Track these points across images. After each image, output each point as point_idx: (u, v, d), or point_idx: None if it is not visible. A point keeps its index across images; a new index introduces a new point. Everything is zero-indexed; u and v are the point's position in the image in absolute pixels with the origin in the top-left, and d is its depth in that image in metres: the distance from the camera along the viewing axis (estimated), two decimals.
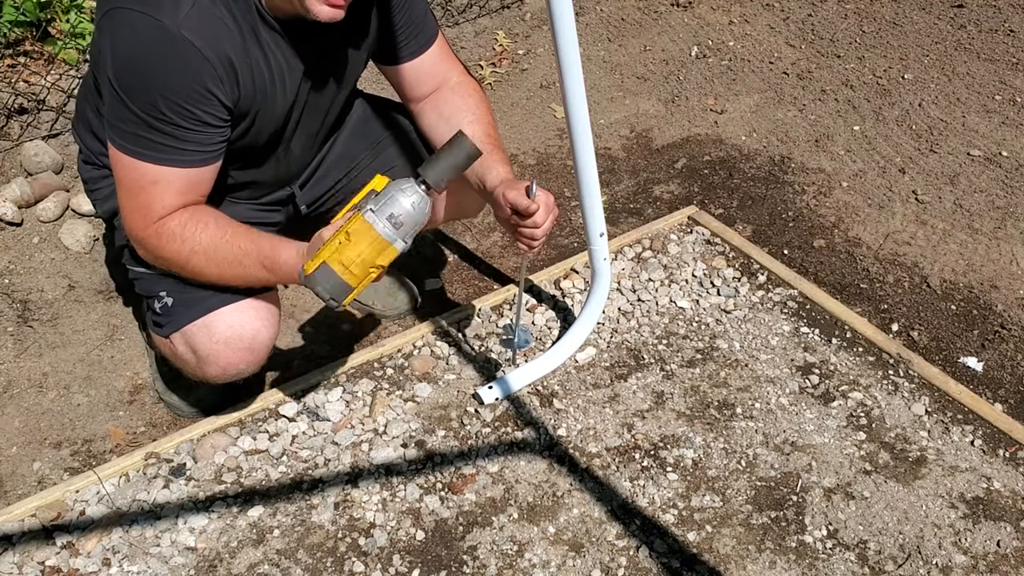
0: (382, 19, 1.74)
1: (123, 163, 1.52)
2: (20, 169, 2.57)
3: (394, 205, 1.46)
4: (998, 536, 1.74)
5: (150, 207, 1.54)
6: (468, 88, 1.87)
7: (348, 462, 1.89)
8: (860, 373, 2.10)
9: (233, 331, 1.69)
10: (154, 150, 1.50)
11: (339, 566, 1.71)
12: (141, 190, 1.53)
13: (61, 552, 1.72)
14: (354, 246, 1.45)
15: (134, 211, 1.56)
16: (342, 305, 1.50)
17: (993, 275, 2.37)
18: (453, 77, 1.87)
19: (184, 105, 1.46)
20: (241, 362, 1.73)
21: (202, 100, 1.48)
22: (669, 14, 3.54)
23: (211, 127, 1.52)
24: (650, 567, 1.70)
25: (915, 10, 3.49)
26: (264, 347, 1.75)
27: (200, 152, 1.53)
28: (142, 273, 1.76)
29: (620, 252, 2.45)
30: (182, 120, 1.48)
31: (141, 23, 1.41)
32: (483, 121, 1.83)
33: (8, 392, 2.10)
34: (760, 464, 1.89)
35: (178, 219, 1.56)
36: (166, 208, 1.55)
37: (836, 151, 2.85)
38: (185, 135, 1.50)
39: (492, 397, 2.00)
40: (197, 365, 1.73)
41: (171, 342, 1.73)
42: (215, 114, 1.51)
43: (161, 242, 1.56)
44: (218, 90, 1.49)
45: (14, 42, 2.82)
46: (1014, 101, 2.99)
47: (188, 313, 1.69)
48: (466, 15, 3.46)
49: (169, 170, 1.52)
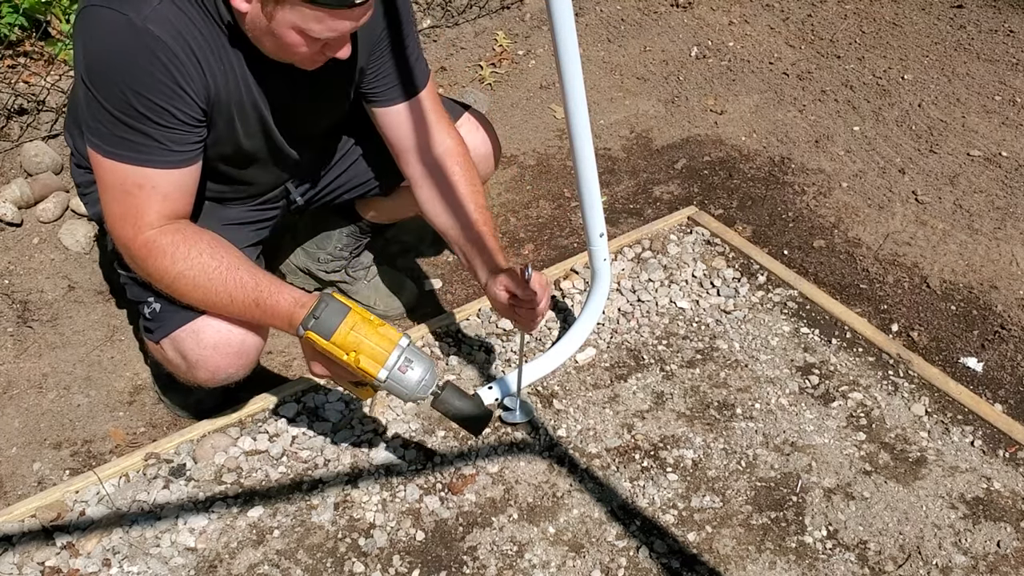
0: (367, 62, 1.73)
1: (104, 167, 1.51)
2: (20, 170, 2.57)
3: (403, 381, 1.59)
4: (998, 536, 1.74)
5: (139, 215, 1.52)
6: (454, 162, 1.83)
7: (348, 462, 1.89)
8: (860, 373, 2.10)
9: (221, 336, 1.67)
10: (132, 150, 1.48)
11: (339, 566, 1.71)
12: (127, 195, 1.51)
13: (61, 552, 1.72)
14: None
15: (122, 218, 1.53)
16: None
17: (993, 275, 2.37)
18: (440, 137, 1.83)
19: (155, 100, 1.45)
20: (230, 367, 1.72)
21: (173, 96, 1.47)
22: (669, 15, 3.54)
23: (186, 125, 1.51)
24: (650, 567, 1.70)
25: (915, 10, 3.49)
26: (253, 351, 1.74)
27: (179, 152, 1.52)
28: (130, 278, 1.75)
29: (620, 252, 2.45)
30: (156, 116, 1.46)
31: (108, 18, 1.42)
32: (472, 204, 1.81)
33: (8, 393, 2.10)
34: (760, 464, 1.89)
35: (171, 237, 1.53)
36: (155, 216, 1.52)
37: (836, 152, 2.85)
38: (162, 134, 1.48)
39: (492, 397, 2.00)
40: (187, 370, 1.72)
41: (161, 347, 1.73)
42: (188, 112, 1.50)
43: (149, 257, 1.54)
44: (187, 85, 1.47)
45: (14, 42, 2.82)
46: (1014, 101, 2.99)
47: (176, 318, 1.67)
48: (466, 15, 3.46)
49: (151, 172, 1.50)
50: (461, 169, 1.83)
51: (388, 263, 2.38)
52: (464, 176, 1.83)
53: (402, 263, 2.45)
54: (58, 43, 2.80)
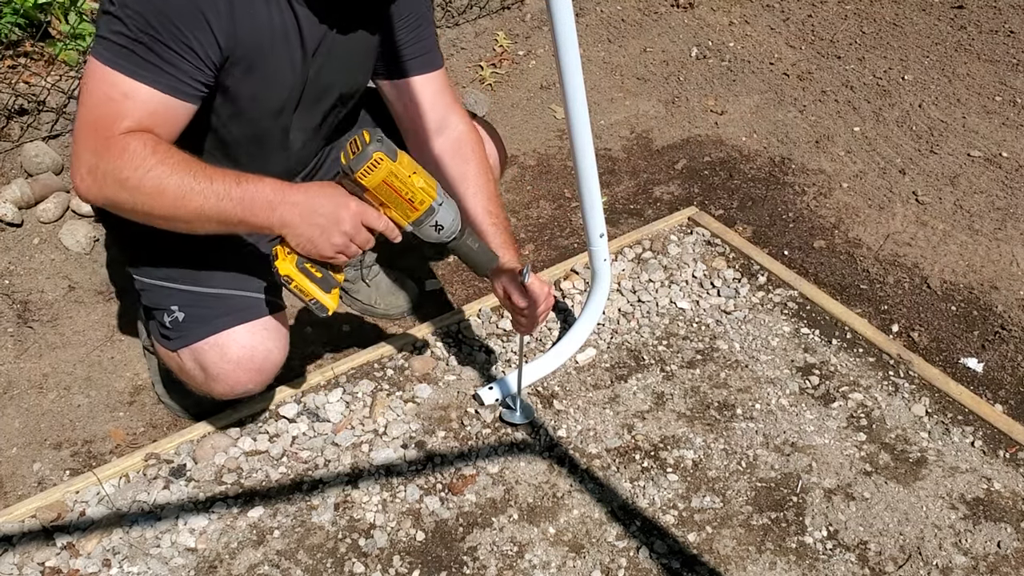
0: (392, 27, 1.73)
1: (98, 75, 1.43)
2: (20, 170, 2.57)
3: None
4: (998, 537, 1.74)
5: (116, 117, 1.42)
6: (468, 148, 1.82)
7: (348, 463, 1.89)
8: (860, 374, 2.10)
9: (245, 352, 1.68)
10: (135, 64, 1.41)
11: (339, 567, 1.70)
12: (110, 101, 1.42)
13: (61, 553, 1.72)
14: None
15: (96, 121, 1.42)
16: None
17: (993, 276, 2.37)
18: (454, 120, 1.83)
19: (175, 24, 1.40)
20: (250, 382, 1.73)
21: (194, 24, 1.42)
22: (669, 15, 3.55)
23: (198, 58, 1.45)
24: (650, 568, 1.70)
25: (915, 11, 3.49)
26: (274, 368, 1.75)
27: (179, 81, 1.45)
28: (151, 284, 1.74)
29: (620, 253, 2.45)
30: (171, 40, 1.41)
31: None
32: (484, 193, 1.80)
33: (8, 393, 2.10)
34: (760, 465, 1.89)
35: (143, 139, 1.42)
36: (133, 124, 1.43)
37: (836, 152, 2.85)
38: (171, 57, 1.42)
39: (492, 398, 2.00)
40: (204, 381, 1.72)
41: (179, 357, 1.72)
42: (203, 45, 1.44)
43: (122, 158, 1.41)
44: (213, 18, 1.43)
45: (14, 43, 2.82)
46: (1014, 102, 2.99)
47: (200, 330, 1.67)
48: (466, 16, 3.46)
49: (144, 88, 1.43)
50: (476, 156, 1.82)
51: (389, 263, 2.38)
52: (478, 164, 1.81)
53: (403, 263, 2.45)
54: (58, 44, 2.81)
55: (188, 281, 1.71)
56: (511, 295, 1.73)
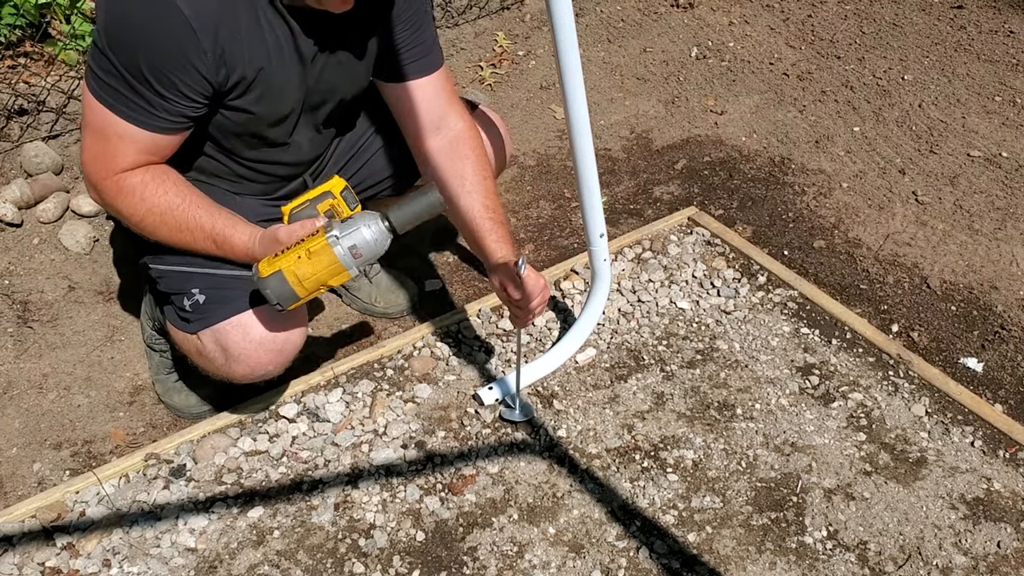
0: (392, 28, 1.73)
1: (94, 108, 1.54)
2: (20, 170, 2.57)
3: (357, 237, 1.57)
4: (998, 537, 1.74)
5: (114, 159, 1.57)
6: (466, 146, 1.83)
7: (348, 463, 1.89)
8: (860, 374, 2.10)
9: (267, 332, 1.70)
10: (125, 105, 1.51)
11: (339, 567, 1.71)
12: (107, 140, 1.55)
13: (61, 553, 1.72)
14: (312, 265, 1.56)
15: (98, 157, 1.58)
16: (285, 309, 1.61)
17: (993, 276, 2.37)
18: (452, 119, 1.83)
19: (163, 70, 1.47)
20: (270, 363, 1.74)
21: (182, 69, 1.48)
22: (669, 15, 3.55)
23: (187, 98, 1.52)
24: (650, 568, 1.70)
25: (915, 11, 3.49)
26: (294, 350, 1.77)
27: (169, 121, 1.54)
28: (169, 271, 1.75)
29: (620, 253, 2.45)
30: (159, 85, 1.48)
31: None
32: (481, 190, 1.81)
33: (8, 393, 2.10)
34: (760, 465, 1.89)
35: (140, 176, 1.59)
36: (128, 164, 1.58)
37: (836, 152, 2.85)
38: (158, 101, 1.50)
39: (492, 398, 2.00)
40: (224, 363, 1.72)
41: (199, 339, 1.73)
42: (193, 86, 1.51)
43: (119, 195, 1.60)
44: (200, 63, 1.48)
45: (14, 43, 2.82)
46: (1014, 102, 2.99)
47: (222, 311, 1.69)
48: (466, 16, 3.46)
49: (135, 130, 1.54)
50: (474, 154, 1.83)
51: (389, 263, 2.38)
52: (475, 161, 1.83)
53: (403, 263, 2.45)
54: (58, 44, 2.81)
55: (208, 264, 1.72)
56: (507, 287, 1.75)
